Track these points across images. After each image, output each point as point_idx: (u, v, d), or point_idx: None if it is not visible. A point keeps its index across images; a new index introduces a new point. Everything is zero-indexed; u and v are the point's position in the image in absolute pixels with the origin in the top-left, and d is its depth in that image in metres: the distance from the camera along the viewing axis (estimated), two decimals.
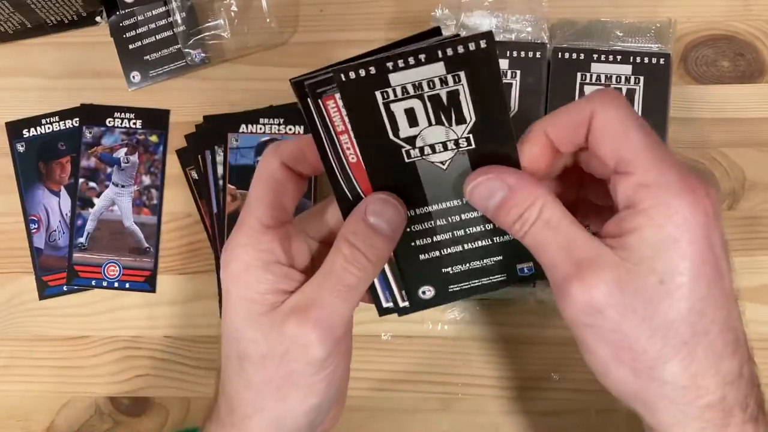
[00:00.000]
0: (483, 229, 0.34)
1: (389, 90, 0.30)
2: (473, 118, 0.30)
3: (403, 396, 0.51)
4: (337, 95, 0.30)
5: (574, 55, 0.49)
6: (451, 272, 0.35)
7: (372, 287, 0.34)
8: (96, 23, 0.55)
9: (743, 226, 0.52)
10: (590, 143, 0.30)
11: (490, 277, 0.35)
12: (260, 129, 0.53)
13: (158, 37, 0.54)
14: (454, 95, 0.30)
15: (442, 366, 0.51)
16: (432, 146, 0.31)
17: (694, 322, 0.28)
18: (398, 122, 0.30)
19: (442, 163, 0.32)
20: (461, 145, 0.31)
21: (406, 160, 0.31)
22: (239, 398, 0.32)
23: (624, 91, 0.49)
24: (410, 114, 0.30)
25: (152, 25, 0.54)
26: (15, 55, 0.55)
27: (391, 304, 0.35)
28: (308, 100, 0.30)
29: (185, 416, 0.52)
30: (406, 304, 0.36)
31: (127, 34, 0.55)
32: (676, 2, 0.53)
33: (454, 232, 0.34)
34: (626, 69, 0.49)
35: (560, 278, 0.29)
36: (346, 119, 0.30)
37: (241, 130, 0.53)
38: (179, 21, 0.54)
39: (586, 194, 0.35)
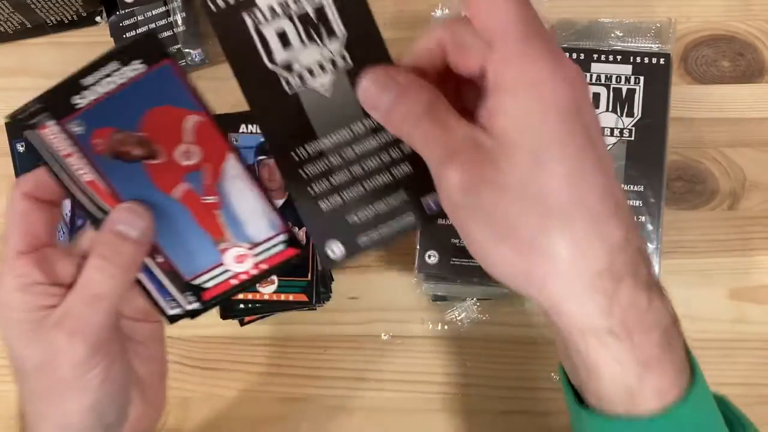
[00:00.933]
0: (380, 162, 0.33)
1: (257, 11, 0.31)
2: (344, 32, 0.31)
3: (403, 396, 0.51)
4: (50, 122, 0.32)
5: (574, 55, 0.49)
6: (357, 220, 0.34)
7: (148, 296, 0.35)
8: (96, 23, 0.55)
9: (743, 226, 0.52)
10: (466, 12, 0.29)
11: (398, 219, 0.34)
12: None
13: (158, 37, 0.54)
14: (320, 10, 0.31)
15: (442, 366, 0.51)
16: (310, 70, 0.32)
17: (570, 192, 0.27)
18: (271, 46, 0.31)
19: (324, 88, 0.32)
20: (338, 64, 0.31)
21: (288, 92, 0.32)
22: (28, 412, 0.35)
23: (624, 91, 0.49)
24: (282, 36, 0.31)
25: (152, 25, 0.54)
26: (15, 55, 0.55)
27: (178, 311, 0.36)
28: (27, 134, 0.32)
29: (185, 416, 0.52)
30: (195, 306, 0.36)
31: (127, 34, 0.55)
32: (676, 2, 0.53)
33: (351, 168, 0.33)
34: (626, 69, 0.49)
35: (437, 165, 0.29)
36: (67, 144, 0.33)
37: (241, 130, 0.53)
38: (179, 21, 0.54)
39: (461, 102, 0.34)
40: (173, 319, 0.36)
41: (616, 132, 0.48)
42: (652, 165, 0.48)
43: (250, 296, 0.51)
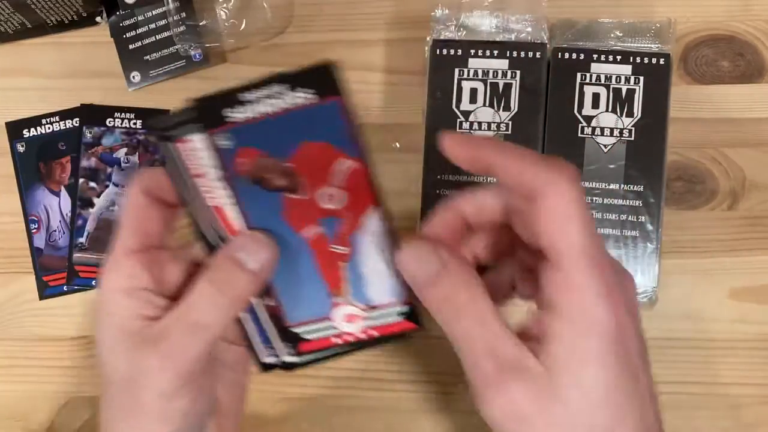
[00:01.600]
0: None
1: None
2: None
3: (403, 396, 0.51)
4: (194, 136, 0.30)
5: (574, 55, 0.49)
6: None
7: (246, 339, 0.33)
8: (96, 23, 0.55)
9: (743, 226, 0.52)
10: (531, 215, 0.29)
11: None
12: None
13: (158, 37, 0.54)
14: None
15: (442, 366, 0.52)
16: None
17: (614, 429, 0.28)
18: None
19: None
20: None
21: None
22: (104, 418, 0.33)
23: (624, 91, 0.49)
24: None
25: (152, 25, 0.54)
26: (15, 55, 0.55)
27: (273, 360, 0.34)
28: (163, 144, 0.30)
29: None
30: (293, 358, 0.34)
31: (127, 34, 0.55)
32: (676, 2, 0.53)
33: None
34: (626, 69, 0.49)
35: (482, 380, 0.29)
36: (203, 163, 0.31)
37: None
38: (179, 21, 0.54)
39: (515, 249, 0.34)
40: (267, 367, 0.34)
41: (616, 132, 0.48)
42: (652, 165, 0.48)
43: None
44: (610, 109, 0.49)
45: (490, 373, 0.29)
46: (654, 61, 0.48)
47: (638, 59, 0.49)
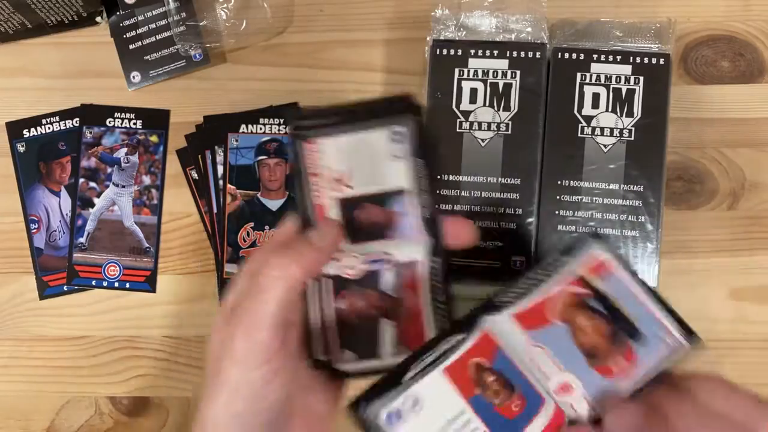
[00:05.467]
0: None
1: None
2: None
3: None
4: (320, 139, 0.34)
5: (574, 55, 0.49)
6: None
7: (308, 333, 0.35)
8: (96, 23, 0.55)
9: (743, 226, 0.52)
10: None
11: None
12: (260, 129, 0.53)
13: (158, 37, 0.54)
14: None
15: None
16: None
17: None
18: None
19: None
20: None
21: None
22: (199, 396, 0.34)
23: (624, 91, 0.49)
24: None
25: (152, 26, 0.54)
26: (15, 55, 0.55)
27: (325, 357, 0.35)
28: (293, 138, 0.34)
29: (185, 416, 0.52)
30: (345, 367, 0.35)
31: (127, 35, 0.55)
32: (676, 2, 0.53)
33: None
34: (626, 69, 0.49)
35: None
36: (320, 164, 0.34)
37: (241, 130, 0.53)
38: (179, 21, 0.54)
39: None
40: (318, 364, 0.35)
41: (616, 132, 0.48)
42: (652, 165, 0.48)
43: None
44: (610, 109, 0.49)
45: None
46: (654, 61, 0.49)
47: (638, 59, 0.49)
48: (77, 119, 0.55)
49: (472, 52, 0.49)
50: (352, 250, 0.35)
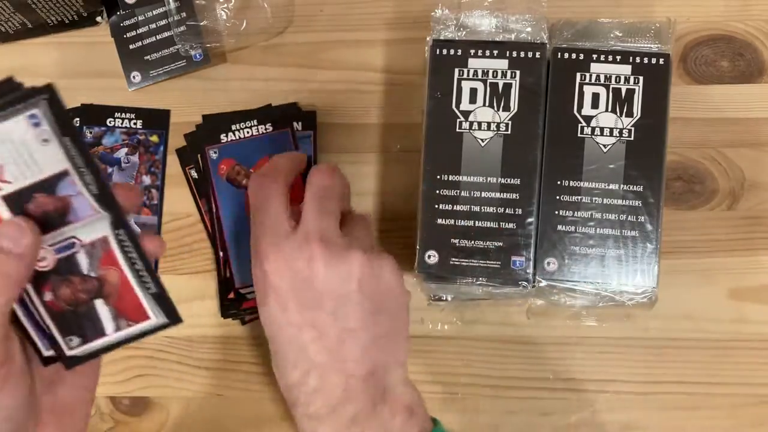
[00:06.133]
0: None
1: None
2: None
3: None
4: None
5: (574, 55, 0.49)
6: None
7: (27, 335, 0.36)
8: (96, 23, 0.55)
9: (743, 226, 0.52)
10: None
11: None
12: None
13: (159, 37, 0.54)
14: None
15: (442, 366, 0.52)
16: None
17: None
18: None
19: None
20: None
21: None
22: None
23: (623, 91, 0.49)
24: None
25: (153, 25, 0.54)
26: (15, 55, 0.55)
27: (52, 353, 0.36)
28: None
29: (185, 416, 0.52)
30: (74, 352, 0.37)
31: (127, 34, 0.55)
32: (676, 2, 0.53)
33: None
34: (626, 69, 0.49)
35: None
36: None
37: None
38: (179, 21, 0.54)
39: None
40: (46, 360, 0.36)
41: (616, 132, 0.48)
42: (652, 165, 0.48)
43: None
44: (609, 109, 0.49)
45: None
46: (653, 61, 0.49)
47: (638, 59, 0.49)
48: (77, 119, 0.55)
49: (472, 52, 0.49)
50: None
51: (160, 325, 0.37)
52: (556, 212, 0.48)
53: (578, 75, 0.49)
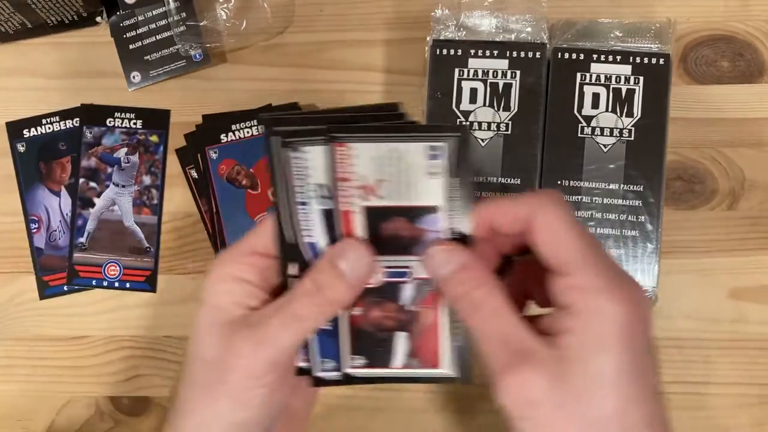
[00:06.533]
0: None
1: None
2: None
3: (403, 396, 0.51)
4: (353, 144, 0.32)
5: (574, 55, 0.49)
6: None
7: (305, 351, 0.35)
8: (96, 23, 0.55)
9: (743, 226, 0.52)
10: (531, 240, 0.32)
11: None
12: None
13: (158, 37, 0.54)
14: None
15: None
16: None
17: (621, 419, 0.29)
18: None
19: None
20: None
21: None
22: (182, 396, 0.34)
23: (624, 91, 0.49)
24: None
25: (152, 26, 0.54)
26: (15, 55, 0.55)
27: (325, 374, 0.35)
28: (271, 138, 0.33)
29: None
30: (352, 371, 0.35)
31: (127, 34, 0.55)
32: (676, 2, 0.53)
33: None
34: (626, 69, 0.49)
35: (497, 367, 0.31)
36: (352, 169, 0.33)
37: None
38: (179, 21, 0.54)
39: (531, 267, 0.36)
40: (318, 382, 0.35)
41: (616, 132, 0.48)
42: (652, 165, 0.48)
43: None
44: (609, 109, 0.49)
45: (503, 360, 0.30)
46: (654, 61, 0.49)
47: (638, 59, 0.49)
48: (77, 119, 0.55)
49: (472, 52, 0.49)
50: (375, 260, 0.34)
51: (447, 376, 0.36)
52: None
53: (578, 75, 0.49)
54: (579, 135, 0.48)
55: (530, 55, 0.49)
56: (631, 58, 0.49)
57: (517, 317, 0.31)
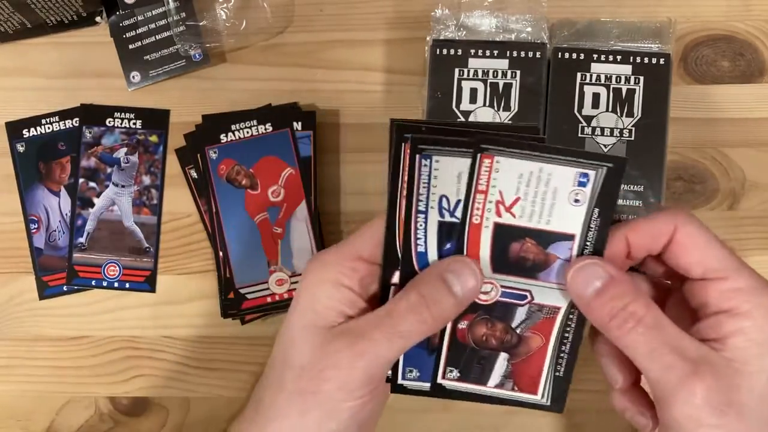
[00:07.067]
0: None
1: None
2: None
3: (403, 396, 0.51)
4: (501, 158, 0.31)
5: (574, 55, 0.49)
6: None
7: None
8: (96, 23, 0.55)
9: (743, 226, 0.52)
10: (671, 252, 0.33)
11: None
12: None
13: (158, 37, 0.54)
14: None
15: None
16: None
17: None
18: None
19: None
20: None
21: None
22: (269, 401, 0.34)
23: (624, 91, 0.49)
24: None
25: (152, 25, 0.54)
26: (15, 55, 0.55)
27: (408, 382, 0.35)
28: (475, 154, 0.32)
29: (185, 416, 0.52)
30: (444, 382, 0.35)
31: (127, 34, 0.55)
32: (676, 2, 0.53)
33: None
34: (626, 69, 0.49)
35: (675, 378, 0.30)
36: (492, 184, 0.32)
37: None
38: (179, 21, 0.54)
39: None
40: (399, 389, 0.35)
41: (616, 132, 0.48)
42: (652, 165, 0.48)
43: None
44: (610, 109, 0.49)
45: (683, 369, 0.30)
46: (654, 61, 0.48)
47: (638, 59, 0.49)
48: (77, 119, 0.55)
49: (472, 52, 0.49)
50: (494, 278, 0.33)
51: (541, 405, 0.35)
52: None
53: (579, 75, 0.49)
54: (579, 135, 0.48)
55: (530, 55, 0.49)
56: (632, 58, 0.49)
57: (675, 325, 0.31)
